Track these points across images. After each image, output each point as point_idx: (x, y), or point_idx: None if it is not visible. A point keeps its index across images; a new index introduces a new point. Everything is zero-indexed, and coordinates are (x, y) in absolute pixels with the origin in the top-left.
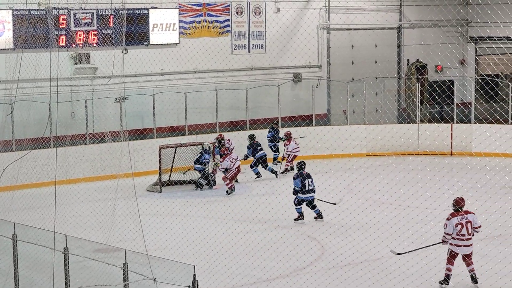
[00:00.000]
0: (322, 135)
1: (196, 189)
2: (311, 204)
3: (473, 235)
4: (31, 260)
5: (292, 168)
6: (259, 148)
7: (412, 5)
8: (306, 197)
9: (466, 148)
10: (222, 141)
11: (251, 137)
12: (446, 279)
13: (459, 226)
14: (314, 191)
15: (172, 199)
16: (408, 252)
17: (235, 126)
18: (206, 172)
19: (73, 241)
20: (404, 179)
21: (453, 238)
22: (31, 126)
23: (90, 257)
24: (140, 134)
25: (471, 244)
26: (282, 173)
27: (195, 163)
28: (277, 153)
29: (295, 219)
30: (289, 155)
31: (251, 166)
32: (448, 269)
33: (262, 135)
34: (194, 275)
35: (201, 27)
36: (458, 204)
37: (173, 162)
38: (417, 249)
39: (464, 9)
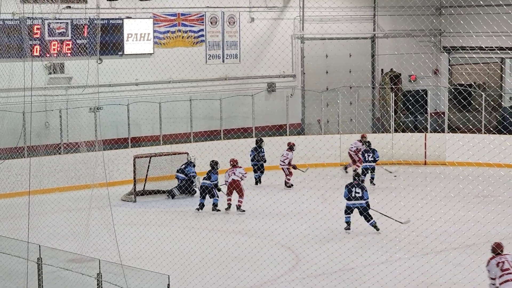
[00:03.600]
0: (296, 144)
1: (167, 198)
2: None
3: None
4: (4, 271)
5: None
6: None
7: (385, 15)
8: (353, 204)
9: (440, 157)
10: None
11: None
12: None
13: (501, 264)
14: (364, 199)
15: (146, 208)
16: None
17: (209, 135)
18: (193, 186)
19: (47, 251)
20: (378, 188)
21: (499, 277)
22: (4, 136)
23: (64, 267)
24: (115, 143)
25: None
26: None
27: (177, 172)
28: (260, 174)
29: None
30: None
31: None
32: None
33: (235, 145)
34: (168, 284)
35: (175, 37)
36: (499, 248)
37: (147, 171)
38: None
39: (437, 19)
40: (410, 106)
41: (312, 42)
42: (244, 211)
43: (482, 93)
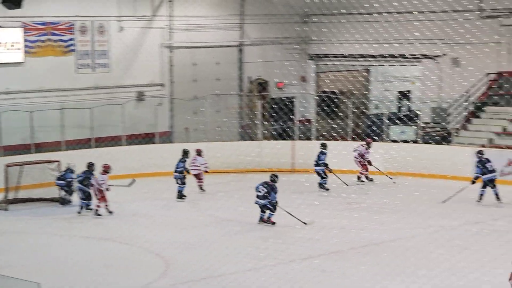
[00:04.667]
0: (163, 152)
1: (61, 206)
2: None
3: None
4: None
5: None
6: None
7: (252, 23)
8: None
9: (307, 164)
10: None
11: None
12: None
13: None
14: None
15: (18, 216)
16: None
17: (80, 144)
18: (71, 189)
19: None
20: (244, 196)
21: None
22: None
23: None
24: None
25: None
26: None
27: (57, 179)
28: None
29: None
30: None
31: None
32: None
33: (106, 153)
34: None
35: (46, 46)
36: None
37: (19, 180)
38: None
39: (303, 27)
40: (277, 113)
41: (180, 51)
42: (100, 215)
43: (347, 100)
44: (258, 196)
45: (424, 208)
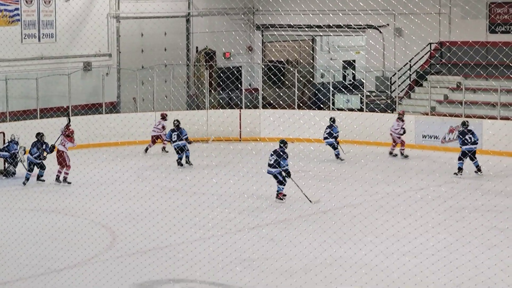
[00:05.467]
0: (110, 122)
1: (4, 178)
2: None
3: None
4: None
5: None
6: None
7: None
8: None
9: (253, 133)
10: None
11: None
12: None
13: None
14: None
15: None
16: None
17: (25, 114)
18: (16, 160)
19: None
20: (190, 165)
21: None
22: None
23: None
24: None
25: None
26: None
27: (0, 151)
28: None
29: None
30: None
31: None
32: None
33: (52, 124)
34: None
35: None
36: None
37: None
38: None
39: None
40: (224, 82)
41: (128, 21)
42: (70, 183)
43: (293, 69)
44: (269, 165)
45: (370, 175)
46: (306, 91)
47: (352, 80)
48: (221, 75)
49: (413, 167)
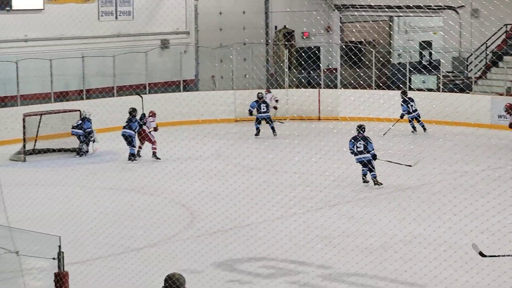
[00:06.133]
0: (189, 100)
1: (78, 156)
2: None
3: None
4: None
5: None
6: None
7: None
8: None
9: (333, 112)
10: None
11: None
12: None
13: None
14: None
15: (36, 168)
16: (494, 256)
17: (102, 93)
18: (89, 139)
19: None
20: (272, 143)
21: None
22: None
23: None
24: (1, 101)
25: None
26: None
27: (73, 128)
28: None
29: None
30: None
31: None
32: None
33: (128, 102)
34: (59, 246)
35: None
36: None
37: (38, 130)
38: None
39: None
40: (303, 63)
41: None
42: (159, 158)
43: (372, 50)
44: (359, 152)
45: (448, 154)
46: (385, 71)
47: (430, 60)
48: (302, 54)
49: (491, 146)
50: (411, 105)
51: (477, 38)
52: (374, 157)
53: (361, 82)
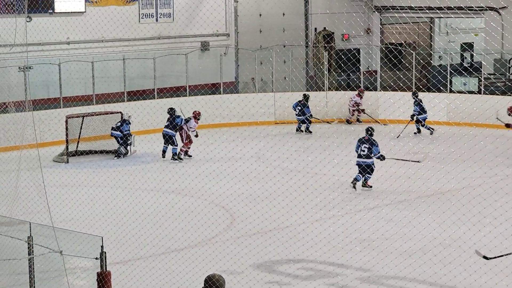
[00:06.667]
0: (229, 103)
1: (116, 158)
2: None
3: None
4: None
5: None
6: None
7: None
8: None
9: (373, 114)
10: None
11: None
12: None
13: None
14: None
15: (79, 169)
16: (496, 257)
17: (142, 95)
18: (127, 141)
19: None
20: (312, 146)
21: None
22: None
23: None
24: (45, 103)
25: None
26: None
27: (113, 129)
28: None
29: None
30: None
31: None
32: None
33: (169, 104)
34: (102, 246)
35: None
36: None
37: (80, 131)
38: (504, 255)
39: None
40: (343, 65)
41: (246, 1)
42: (191, 156)
43: (412, 52)
44: (362, 156)
45: (489, 157)
46: (426, 73)
47: (471, 62)
48: (341, 56)
49: None
50: (423, 107)
51: None
52: (382, 158)
53: (401, 84)
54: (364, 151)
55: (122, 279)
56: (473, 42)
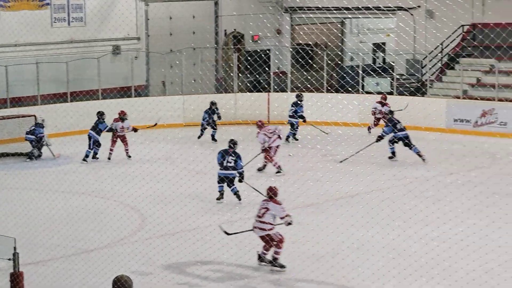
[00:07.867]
0: (139, 106)
1: (28, 160)
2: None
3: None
4: None
5: None
6: None
7: None
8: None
9: (282, 116)
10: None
11: None
12: None
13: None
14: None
15: None
16: (236, 233)
17: (56, 98)
18: (41, 143)
19: None
20: (220, 148)
21: None
22: None
23: None
24: None
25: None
26: None
27: (27, 133)
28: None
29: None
30: None
31: None
32: None
33: (82, 107)
34: (15, 247)
35: (20, 0)
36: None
37: None
38: (245, 231)
39: None
40: (250, 66)
41: (156, 5)
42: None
43: (320, 52)
44: (227, 167)
45: (398, 159)
46: (335, 75)
47: (382, 63)
48: (249, 58)
49: (443, 152)
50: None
51: (431, 40)
52: (241, 176)
53: (311, 84)
54: (231, 162)
55: (34, 279)
56: (383, 44)
